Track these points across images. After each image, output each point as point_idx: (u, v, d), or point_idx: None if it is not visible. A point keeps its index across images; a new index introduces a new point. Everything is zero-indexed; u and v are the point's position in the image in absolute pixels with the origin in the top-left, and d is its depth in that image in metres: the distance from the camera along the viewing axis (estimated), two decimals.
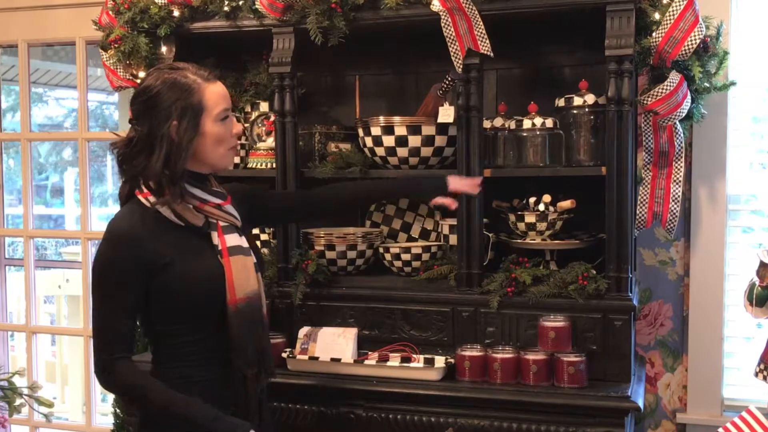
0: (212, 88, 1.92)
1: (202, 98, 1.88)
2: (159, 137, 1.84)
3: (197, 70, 1.92)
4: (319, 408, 2.47)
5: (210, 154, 1.92)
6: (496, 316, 2.48)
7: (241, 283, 1.92)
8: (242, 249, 1.96)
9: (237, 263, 1.92)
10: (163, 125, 1.85)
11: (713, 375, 2.86)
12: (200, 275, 1.88)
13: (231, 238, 1.95)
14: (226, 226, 1.96)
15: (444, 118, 2.57)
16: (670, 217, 2.55)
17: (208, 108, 1.89)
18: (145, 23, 2.70)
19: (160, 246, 1.86)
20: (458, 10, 2.37)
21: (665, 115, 2.41)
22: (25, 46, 3.67)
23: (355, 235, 2.74)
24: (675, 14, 2.30)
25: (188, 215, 1.90)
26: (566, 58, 2.78)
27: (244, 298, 1.91)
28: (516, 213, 2.58)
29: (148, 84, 1.89)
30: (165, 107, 1.85)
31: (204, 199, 1.94)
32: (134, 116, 1.92)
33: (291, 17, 2.58)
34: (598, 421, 2.24)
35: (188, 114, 1.86)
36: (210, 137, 1.90)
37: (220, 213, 1.96)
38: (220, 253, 1.92)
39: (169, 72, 1.90)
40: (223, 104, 1.93)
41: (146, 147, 1.86)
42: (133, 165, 1.88)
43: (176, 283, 1.86)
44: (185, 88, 1.87)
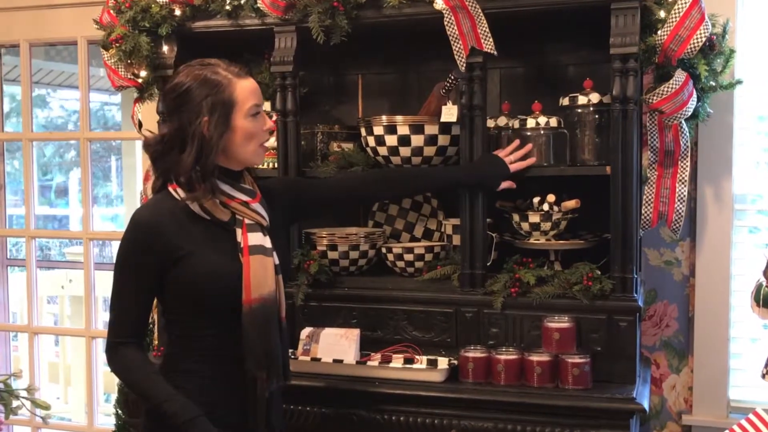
0: (243, 83, 1.93)
1: (233, 94, 1.90)
2: (190, 133, 1.87)
3: (228, 66, 1.94)
4: (321, 409, 2.45)
5: (240, 150, 1.94)
6: (499, 317, 2.46)
7: (258, 283, 1.91)
8: (264, 249, 1.95)
9: (256, 262, 1.92)
10: (194, 121, 1.87)
11: (719, 376, 2.84)
12: (217, 270, 1.90)
13: (254, 236, 1.95)
14: (251, 225, 1.96)
15: (447, 117, 2.55)
16: (676, 216, 2.53)
17: (238, 103, 1.90)
18: (146, 22, 2.69)
19: (180, 238, 1.88)
20: (461, 8, 2.35)
21: (671, 114, 2.38)
22: (26, 46, 3.66)
23: (357, 236, 2.73)
24: (680, 12, 2.27)
25: (215, 210, 1.92)
26: (570, 57, 2.76)
27: (258, 298, 1.90)
28: (520, 213, 2.56)
29: (178, 80, 1.92)
30: (196, 103, 1.88)
31: (231, 195, 1.95)
32: (166, 113, 1.96)
33: (293, 16, 2.57)
34: (603, 423, 2.22)
35: (219, 109, 1.88)
36: (241, 133, 1.92)
37: (247, 210, 1.97)
38: (241, 251, 1.92)
39: (199, 68, 1.93)
40: (253, 100, 1.94)
41: (177, 143, 1.89)
42: (165, 161, 1.92)
43: (192, 275, 1.88)
44: (216, 84, 1.89)
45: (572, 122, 2.55)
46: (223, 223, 1.94)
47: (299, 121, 2.67)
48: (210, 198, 1.90)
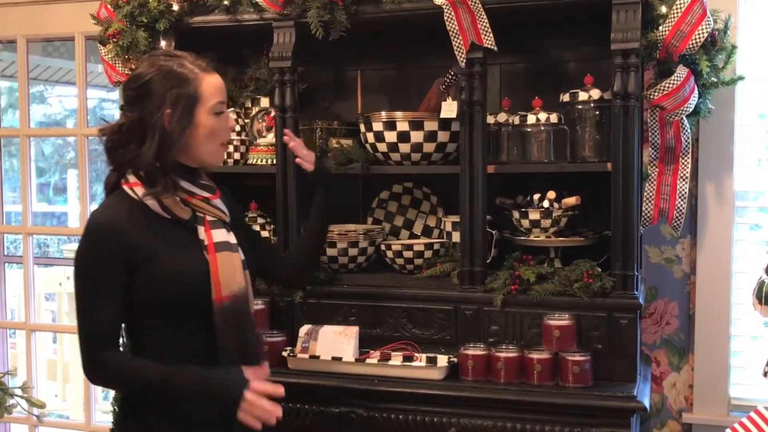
0: (209, 79, 1.87)
1: (198, 88, 1.84)
2: (151, 125, 1.79)
3: (195, 60, 1.89)
4: (320, 407, 2.44)
5: (201, 147, 1.87)
6: (499, 314, 2.44)
7: (227, 281, 1.85)
8: (230, 245, 1.90)
9: (223, 259, 1.86)
10: (156, 113, 1.80)
11: (720, 374, 2.83)
12: (184, 270, 1.82)
13: (218, 233, 1.89)
14: (214, 221, 1.90)
15: (447, 113, 2.54)
16: (677, 214, 2.52)
17: (203, 99, 1.85)
18: (143, 17, 2.67)
19: (143, 239, 1.80)
20: (461, 3, 2.33)
21: (672, 110, 2.37)
22: (23, 42, 3.64)
23: (356, 232, 2.71)
24: (682, 7, 2.26)
25: (175, 208, 1.85)
26: (571, 53, 2.74)
27: (230, 296, 1.85)
28: (520, 210, 2.55)
29: (142, 70, 1.85)
30: (159, 95, 1.80)
31: (192, 192, 1.88)
32: (126, 102, 1.87)
33: (291, 11, 2.55)
34: (604, 422, 2.21)
35: (182, 103, 1.81)
36: (203, 129, 1.86)
37: (208, 207, 1.91)
38: (205, 249, 1.86)
39: (165, 59, 1.86)
40: (219, 97, 1.89)
41: (137, 135, 1.81)
42: (122, 153, 1.83)
43: (158, 277, 1.80)
44: (181, 77, 1.83)
45: (573, 118, 2.54)
46: (183, 221, 1.86)
47: (298, 117, 2.65)
48: (170, 195, 1.83)
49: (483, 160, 2.44)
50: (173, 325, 1.84)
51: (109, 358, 1.80)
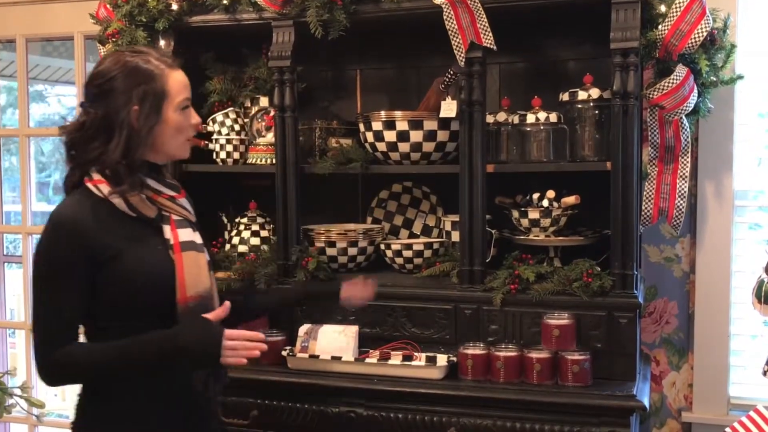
0: (175, 75, 1.85)
1: (165, 85, 1.82)
2: (118, 122, 1.76)
3: (160, 56, 1.86)
4: (319, 407, 2.44)
5: (169, 143, 1.85)
6: (499, 313, 2.44)
7: (193, 281, 1.82)
8: (195, 245, 1.88)
9: (189, 259, 1.83)
10: (123, 110, 1.76)
11: (719, 373, 2.82)
12: (149, 269, 1.79)
13: (184, 232, 1.87)
14: (180, 220, 1.88)
15: (446, 112, 2.54)
16: (676, 213, 2.52)
17: (170, 95, 1.82)
18: (143, 17, 2.67)
19: (108, 237, 1.76)
20: (460, 2, 2.33)
21: (671, 109, 2.37)
22: (23, 41, 3.64)
23: (356, 232, 2.71)
24: (681, 6, 2.26)
25: (141, 206, 1.82)
26: (571, 52, 2.74)
27: (195, 296, 1.82)
28: (519, 209, 2.55)
29: (107, 66, 1.80)
30: (126, 91, 1.77)
31: (158, 190, 1.86)
32: (89, 99, 1.81)
33: (291, 10, 2.55)
34: (603, 421, 2.21)
35: (150, 99, 1.79)
36: (171, 125, 1.83)
37: (174, 206, 1.89)
38: (171, 248, 1.83)
39: (131, 55, 1.82)
40: (185, 93, 1.87)
41: (102, 132, 1.77)
42: (86, 151, 1.79)
43: (123, 276, 1.76)
44: (148, 73, 1.80)
45: (572, 118, 2.54)
46: (149, 219, 1.83)
47: (297, 116, 2.65)
48: (137, 193, 1.80)
49: (482, 160, 2.44)
50: (135, 325, 1.78)
51: (61, 354, 1.73)
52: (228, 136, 2.85)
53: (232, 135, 2.86)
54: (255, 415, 2.49)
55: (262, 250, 2.81)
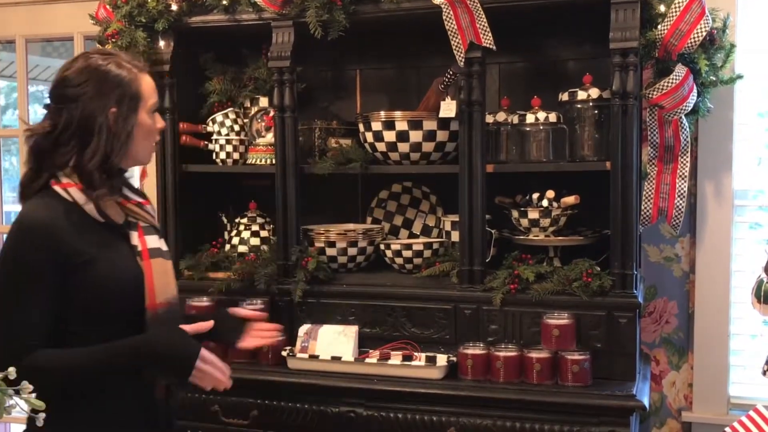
0: (146, 78, 1.84)
1: (140, 88, 1.81)
2: (97, 127, 1.73)
3: (131, 59, 1.84)
4: (319, 407, 2.44)
5: (139, 146, 1.83)
6: (498, 313, 2.44)
7: (162, 287, 1.82)
8: (162, 252, 1.88)
9: (157, 266, 1.83)
10: (100, 114, 1.74)
11: (719, 373, 2.82)
12: (120, 276, 1.77)
13: (151, 239, 1.86)
14: (147, 227, 1.87)
15: (446, 112, 2.54)
16: (676, 212, 2.52)
17: (144, 98, 1.81)
18: (142, 17, 2.67)
19: (81, 242, 1.72)
20: (460, 2, 2.33)
21: (671, 109, 2.37)
22: (22, 42, 3.64)
23: (355, 232, 2.71)
24: (681, 6, 2.26)
25: (111, 212, 1.79)
26: (570, 52, 2.74)
27: (164, 302, 1.82)
28: (519, 209, 2.55)
29: (79, 70, 1.77)
30: (102, 95, 1.74)
31: (127, 196, 1.85)
32: (60, 102, 1.76)
33: (290, 11, 2.55)
34: (603, 420, 2.21)
35: (127, 102, 1.77)
36: (143, 128, 1.82)
37: (142, 212, 1.87)
38: (139, 255, 1.81)
39: (103, 58, 1.79)
40: (155, 96, 1.87)
41: (77, 136, 1.74)
42: (58, 155, 1.75)
43: (96, 282, 1.73)
44: (122, 77, 1.78)
45: (572, 117, 2.54)
46: (116, 225, 1.81)
47: (297, 116, 2.65)
48: (110, 198, 1.78)
49: (482, 160, 2.44)
50: (103, 331, 1.75)
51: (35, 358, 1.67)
52: (228, 137, 2.85)
53: (231, 135, 2.86)
54: (255, 415, 2.50)
55: (262, 250, 2.81)
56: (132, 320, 1.78)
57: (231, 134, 2.87)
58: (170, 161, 2.79)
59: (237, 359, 2.61)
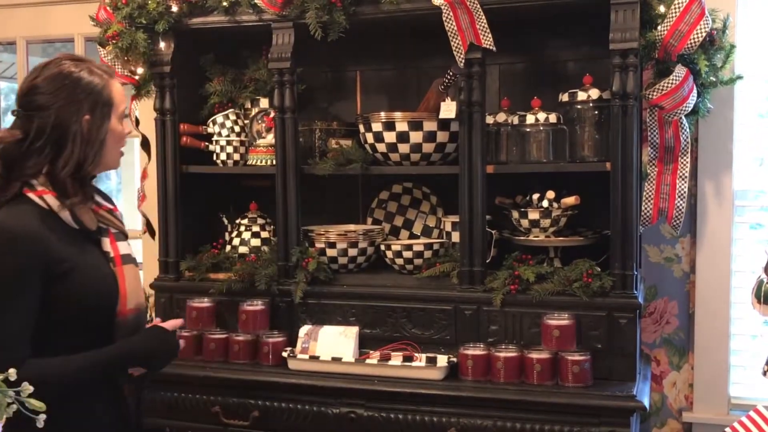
0: (117, 84, 1.85)
1: (111, 94, 1.81)
2: (71, 134, 1.73)
3: (101, 66, 1.84)
4: (320, 408, 2.44)
5: (110, 152, 1.83)
6: (499, 314, 2.44)
7: (133, 294, 1.84)
8: (132, 258, 1.90)
9: (129, 273, 1.85)
10: (74, 121, 1.73)
11: (720, 373, 2.83)
12: (98, 283, 1.78)
13: (122, 245, 1.87)
14: (117, 233, 1.88)
15: (446, 113, 2.54)
16: (676, 213, 2.52)
17: (115, 104, 1.82)
18: (143, 19, 2.67)
19: (61, 250, 1.72)
20: (460, 3, 2.33)
21: (671, 109, 2.37)
22: (23, 43, 3.65)
23: (356, 233, 2.72)
24: (680, 7, 2.26)
25: (86, 219, 1.79)
26: (570, 53, 2.74)
27: (134, 309, 1.84)
28: (519, 209, 2.55)
29: (50, 77, 1.75)
30: (75, 101, 1.74)
31: (99, 203, 1.86)
32: (32, 110, 1.74)
33: (290, 12, 2.55)
34: (603, 421, 2.21)
35: (100, 109, 1.77)
36: (114, 135, 1.83)
37: (112, 218, 1.88)
38: (112, 261, 1.82)
39: (75, 64, 1.78)
40: (125, 102, 1.88)
41: (51, 143, 1.73)
42: (31, 163, 1.73)
43: (79, 290, 1.73)
44: (95, 83, 1.78)
45: (572, 118, 2.54)
46: (89, 232, 1.81)
47: (297, 117, 2.65)
48: (84, 205, 1.78)
49: (482, 160, 2.44)
50: (74, 338, 1.76)
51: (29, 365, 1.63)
52: (228, 138, 2.86)
53: (232, 136, 2.87)
54: (255, 416, 2.50)
55: (263, 251, 2.82)
56: (103, 327, 1.79)
57: (231, 135, 2.87)
58: (171, 162, 2.79)
59: (236, 360, 2.62)
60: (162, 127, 2.79)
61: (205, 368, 2.60)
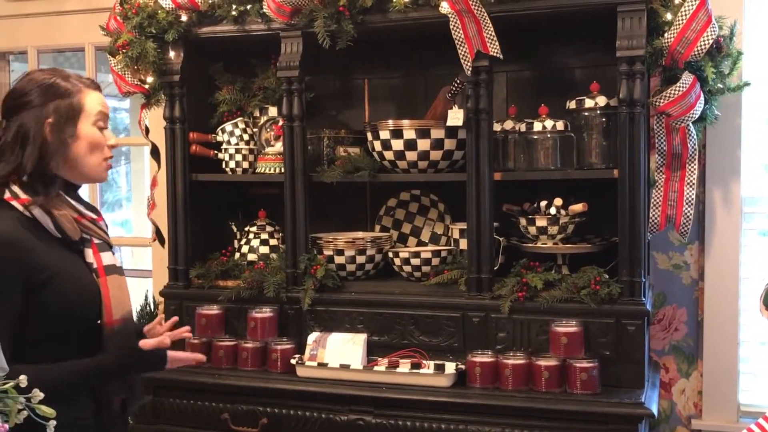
0: (93, 94, 1.86)
1: (81, 100, 1.83)
2: (33, 135, 1.76)
3: (80, 77, 1.87)
4: (328, 415, 2.45)
5: (85, 160, 1.84)
6: (507, 321, 2.45)
7: (118, 304, 1.84)
8: (116, 268, 1.88)
9: (113, 283, 1.84)
10: (37, 124, 1.77)
11: (729, 380, 2.82)
12: (81, 294, 1.78)
13: (106, 256, 1.86)
14: (101, 244, 1.87)
15: (453, 121, 2.55)
16: (684, 220, 2.52)
17: (86, 110, 1.83)
18: (152, 28, 2.69)
19: (43, 258, 1.73)
20: (467, 12, 2.34)
21: (678, 116, 2.37)
22: (34, 53, 3.68)
23: (364, 240, 2.72)
24: (687, 14, 2.26)
25: (67, 227, 1.79)
26: (577, 60, 2.75)
27: (120, 319, 1.83)
28: (527, 217, 2.55)
29: (24, 83, 1.82)
30: (41, 105, 1.78)
31: (81, 212, 1.85)
32: (6, 115, 1.82)
33: (299, 21, 2.57)
34: (611, 428, 2.21)
35: (64, 113, 1.80)
36: (86, 141, 1.83)
37: (96, 229, 1.87)
38: (95, 272, 1.82)
39: (49, 74, 1.84)
40: (100, 109, 1.86)
41: (17, 145, 1.77)
42: (3, 165, 1.77)
43: (59, 300, 1.74)
44: (63, 89, 1.81)
45: (579, 125, 2.54)
46: (72, 242, 1.81)
47: (305, 125, 2.67)
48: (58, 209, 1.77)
49: (489, 168, 2.45)
50: (58, 349, 1.76)
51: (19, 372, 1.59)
52: (237, 146, 2.87)
53: (241, 144, 2.88)
54: (264, 423, 2.51)
55: (271, 258, 2.83)
56: (87, 337, 1.80)
57: (240, 143, 2.89)
58: (180, 170, 2.81)
59: (245, 367, 2.63)
60: (171, 135, 2.81)
61: (214, 375, 2.61)
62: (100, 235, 1.88)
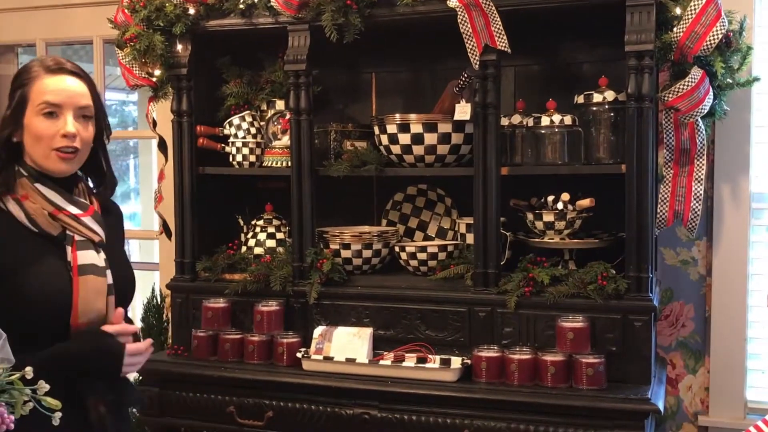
0: (48, 80, 1.76)
1: (31, 90, 1.76)
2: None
3: (44, 61, 1.80)
4: (333, 408, 2.45)
5: (31, 151, 1.76)
6: (513, 316, 2.44)
7: (86, 307, 1.73)
8: (95, 268, 1.77)
9: (86, 284, 1.74)
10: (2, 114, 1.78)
11: (736, 377, 2.81)
12: (43, 291, 1.69)
13: (85, 254, 1.76)
14: (82, 241, 1.77)
15: (460, 115, 2.54)
16: (692, 215, 2.51)
17: (31, 100, 1.75)
18: (160, 21, 2.70)
19: (7, 251, 1.68)
20: (475, 5, 2.33)
21: (687, 111, 2.36)
22: (43, 46, 3.69)
23: (370, 234, 2.72)
24: (696, 9, 2.25)
25: (41, 221, 1.73)
26: (585, 54, 2.74)
27: (86, 323, 1.73)
28: (534, 212, 2.55)
29: None
30: (9, 95, 1.79)
31: (60, 207, 1.77)
32: None
33: (306, 14, 2.57)
34: (618, 424, 2.21)
35: (14, 104, 1.76)
36: (30, 131, 1.75)
37: (77, 224, 1.78)
38: (71, 270, 1.74)
39: (33, 61, 1.82)
40: (46, 97, 1.75)
41: None
42: None
43: (20, 295, 1.67)
44: (23, 78, 1.77)
45: (587, 120, 2.53)
46: (53, 237, 1.74)
47: (312, 119, 2.67)
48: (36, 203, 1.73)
49: (497, 162, 2.44)
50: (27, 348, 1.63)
51: None
52: (244, 139, 2.88)
53: (248, 138, 2.89)
54: (270, 417, 2.51)
55: (278, 252, 2.83)
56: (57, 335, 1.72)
57: (247, 137, 2.89)
58: (187, 164, 2.81)
59: (251, 360, 2.64)
60: (179, 128, 2.82)
61: (220, 368, 2.62)
62: (82, 231, 1.79)
